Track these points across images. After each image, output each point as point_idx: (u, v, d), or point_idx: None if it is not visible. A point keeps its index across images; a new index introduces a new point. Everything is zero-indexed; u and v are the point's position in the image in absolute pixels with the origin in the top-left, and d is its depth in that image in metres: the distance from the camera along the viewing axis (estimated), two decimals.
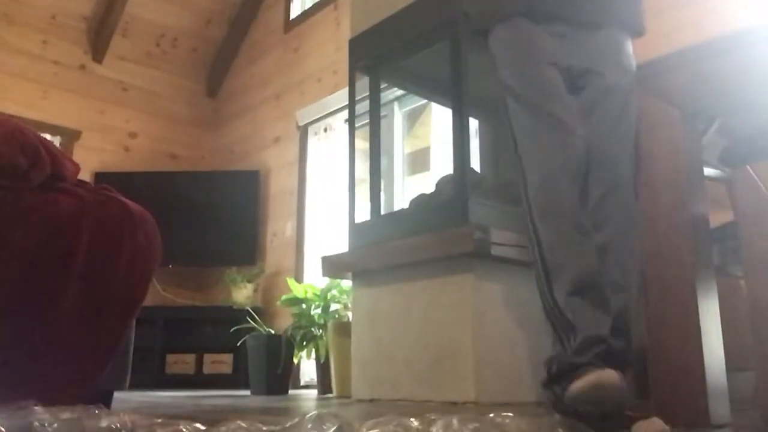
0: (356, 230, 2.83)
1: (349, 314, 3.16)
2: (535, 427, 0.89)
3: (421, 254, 2.46)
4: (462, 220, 2.36)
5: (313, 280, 3.97)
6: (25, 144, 1.64)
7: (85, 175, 2.58)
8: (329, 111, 4.69)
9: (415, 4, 2.78)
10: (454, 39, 2.55)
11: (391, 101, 3.92)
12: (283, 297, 3.65)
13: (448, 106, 2.82)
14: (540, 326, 2.56)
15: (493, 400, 2.25)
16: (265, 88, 5.44)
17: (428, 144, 4.02)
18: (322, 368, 3.50)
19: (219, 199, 5.21)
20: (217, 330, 4.65)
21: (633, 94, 1.57)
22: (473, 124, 2.84)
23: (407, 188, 3.87)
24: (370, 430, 0.93)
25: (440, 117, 3.78)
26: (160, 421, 0.95)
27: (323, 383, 3.49)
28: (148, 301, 1.86)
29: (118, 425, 0.92)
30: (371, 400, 2.60)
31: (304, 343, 3.51)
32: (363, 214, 2.87)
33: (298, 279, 4.36)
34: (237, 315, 4.25)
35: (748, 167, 1.51)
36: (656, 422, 1.23)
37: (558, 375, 1.37)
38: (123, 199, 1.79)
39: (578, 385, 1.27)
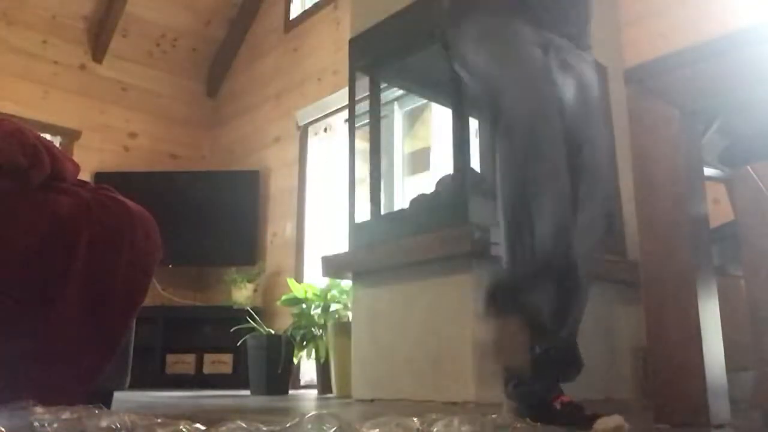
0: (356, 230, 2.83)
1: (349, 314, 3.16)
2: (539, 429, 0.89)
3: (421, 254, 2.46)
4: (462, 220, 2.36)
5: (313, 280, 3.97)
6: (25, 144, 1.64)
7: (85, 175, 2.58)
8: (329, 111, 4.69)
9: (415, 4, 2.78)
10: None
11: (391, 101, 3.92)
12: (283, 297, 3.65)
13: (448, 106, 2.83)
14: None
15: (493, 400, 2.25)
16: (265, 88, 5.44)
17: (428, 144, 4.02)
18: (322, 368, 3.50)
19: (219, 199, 5.21)
20: (217, 330, 4.64)
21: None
22: (473, 124, 2.84)
23: (407, 188, 3.86)
24: (370, 430, 0.93)
25: (440, 117, 3.78)
26: (160, 421, 0.95)
27: (323, 383, 3.49)
28: (148, 301, 1.86)
29: (118, 425, 0.92)
30: (371, 400, 2.60)
31: (304, 343, 3.51)
32: (363, 214, 2.87)
33: (298, 279, 4.36)
34: (237, 315, 4.25)
35: (748, 167, 1.51)
36: (616, 418, 1.29)
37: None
38: (123, 199, 1.79)
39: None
